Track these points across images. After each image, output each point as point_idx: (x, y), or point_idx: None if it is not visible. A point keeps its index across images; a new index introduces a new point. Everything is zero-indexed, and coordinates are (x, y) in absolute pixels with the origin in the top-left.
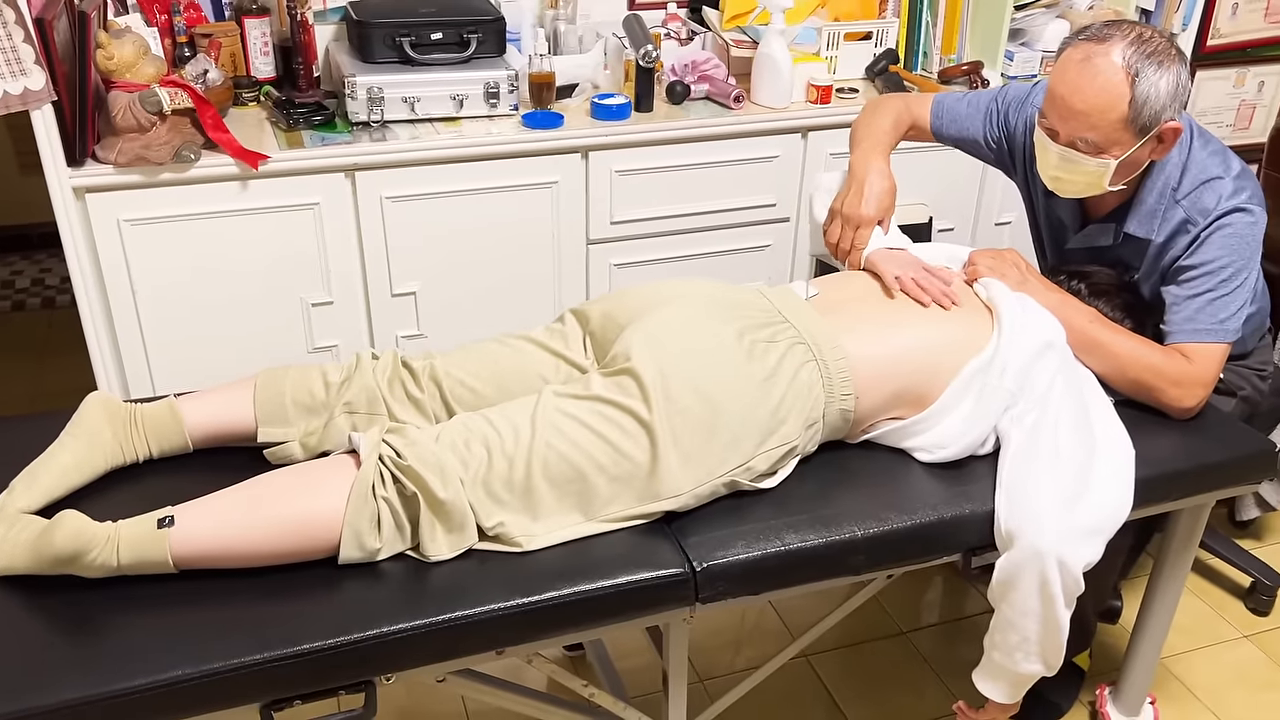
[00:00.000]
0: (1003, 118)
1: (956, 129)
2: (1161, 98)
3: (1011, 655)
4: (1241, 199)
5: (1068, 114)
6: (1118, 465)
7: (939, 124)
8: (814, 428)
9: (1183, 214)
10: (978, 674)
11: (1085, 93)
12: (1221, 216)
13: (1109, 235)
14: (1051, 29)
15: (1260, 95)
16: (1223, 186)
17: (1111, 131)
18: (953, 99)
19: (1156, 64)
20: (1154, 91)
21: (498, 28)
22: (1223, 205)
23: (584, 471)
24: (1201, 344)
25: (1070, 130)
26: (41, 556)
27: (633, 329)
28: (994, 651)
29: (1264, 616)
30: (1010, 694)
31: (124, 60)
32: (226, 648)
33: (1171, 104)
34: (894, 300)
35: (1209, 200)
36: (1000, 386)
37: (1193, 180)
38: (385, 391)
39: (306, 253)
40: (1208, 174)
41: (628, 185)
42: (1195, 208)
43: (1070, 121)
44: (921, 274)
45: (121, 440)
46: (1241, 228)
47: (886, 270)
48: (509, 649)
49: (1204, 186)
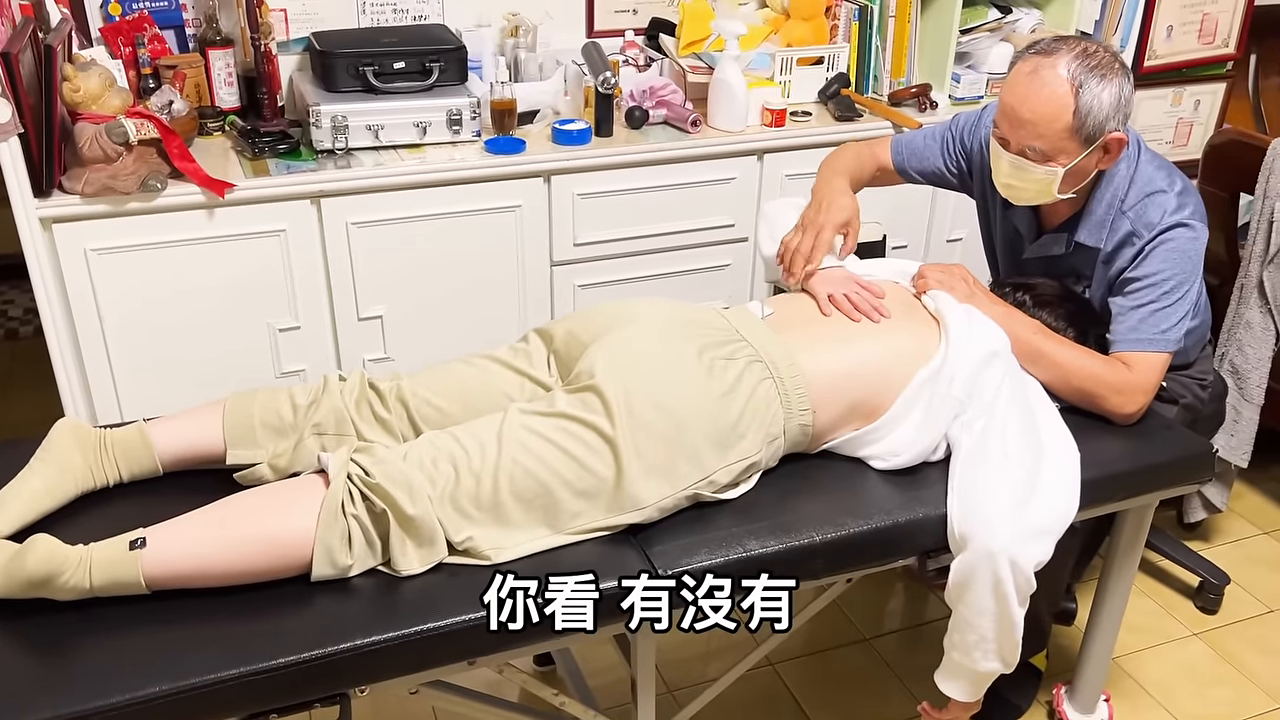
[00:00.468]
0: (959, 143)
1: (918, 162)
2: (1105, 108)
3: (970, 654)
4: (1185, 214)
5: (1017, 123)
6: (1064, 468)
7: (900, 160)
8: (775, 443)
9: (1129, 225)
10: (939, 674)
11: (1032, 102)
12: (1165, 231)
13: (1061, 244)
14: (996, 52)
15: (1196, 113)
16: (1167, 201)
17: (1058, 140)
18: (907, 136)
19: (1099, 76)
20: (1097, 102)
21: (459, 56)
22: (1167, 220)
23: (550, 486)
24: (1143, 353)
25: (1020, 139)
26: (13, 580)
27: (596, 347)
28: (953, 651)
29: (1212, 615)
30: (971, 692)
31: (90, 92)
32: (202, 663)
33: (1115, 115)
34: (844, 317)
35: (1154, 214)
36: (949, 395)
37: (1138, 193)
38: (353, 412)
39: (273, 279)
40: (1153, 187)
41: (589, 208)
42: (1141, 220)
43: (1019, 130)
44: (852, 289)
45: (92, 464)
46: (1184, 243)
47: (819, 290)
48: (480, 659)
49: (1148, 200)
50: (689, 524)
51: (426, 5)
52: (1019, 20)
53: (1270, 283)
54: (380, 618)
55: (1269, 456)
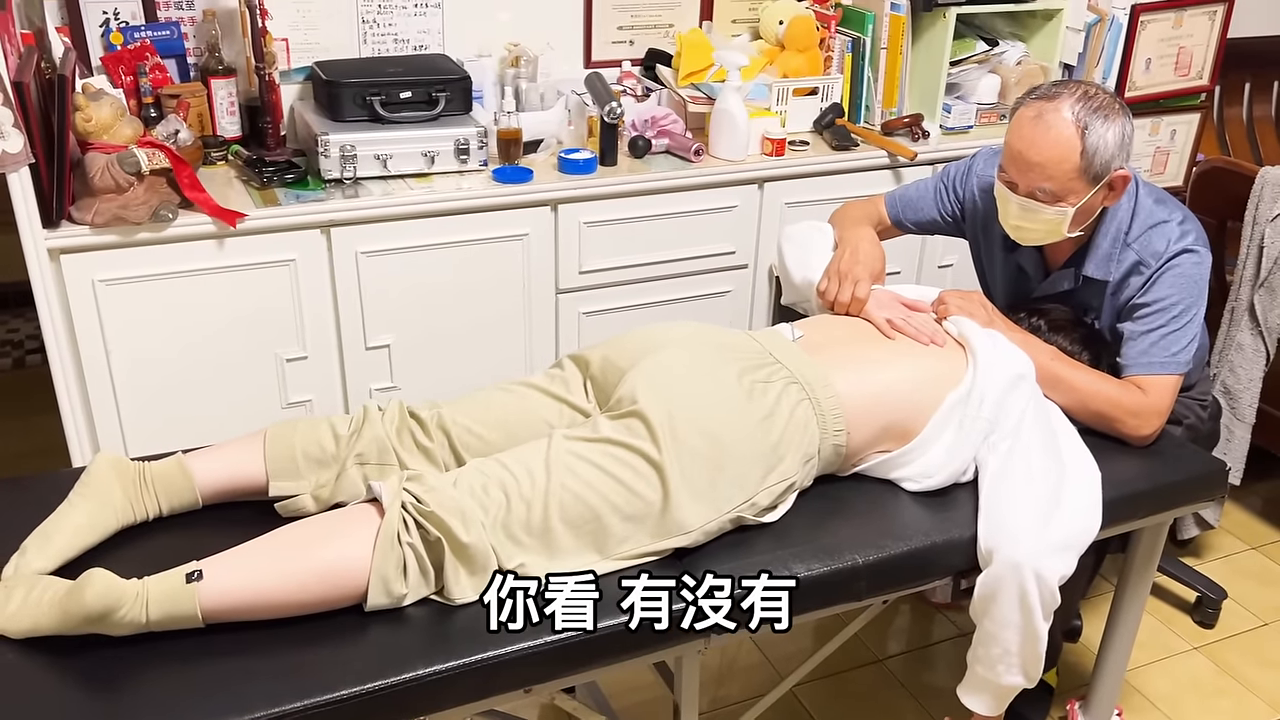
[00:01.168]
0: (952, 193)
1: (913, 214)
2: (1110, 148)
3: (994, 668)
4: (1189, 241)
5: (1025, 167)
6: (1087, 486)
7: (896, 213)
8: (810, 463)
9: (1135, 256)
10: (962, 689)
11: (1040, 146)
12: (1172, 258)
13: (1070, 280)
14: (985, 83)
15: (1173, 143)
16: (1170, 230)
17: (1066, 181)
18: (899, 191)
19: (1103, 117)
20: (1102, 143)
21: (464, 86)
22: (1172, 248)
23: (599, 512)
24: (1155, 375)
25: (1029, 181)
26: (70, 616)
27: (635, 372)
28: (977, 665)
29: (1210, 629)
30: (994, 706)
31: (102, 122)
32: (264, 696)
33: (1119, 153)
34: (875, 339)
35: (1159, 243)
36: (979, 416)
37: (1142, 225)
38: (395, 441)
39: (281, 309)
40: (1155, 219)
41: (595, 236)
42: (1147, 250)
43: (1028, 174)
44: (907, 313)
45: (132, 498)
46: (1189, 268)
47: (876, 316)
48: (536, 686)
49: (1152, 230)
50: (731, 548)
51: (427, 35)
52: (1005, 52)
53: (1261, 306)
54: (438, 647)
55: (1257, 474)
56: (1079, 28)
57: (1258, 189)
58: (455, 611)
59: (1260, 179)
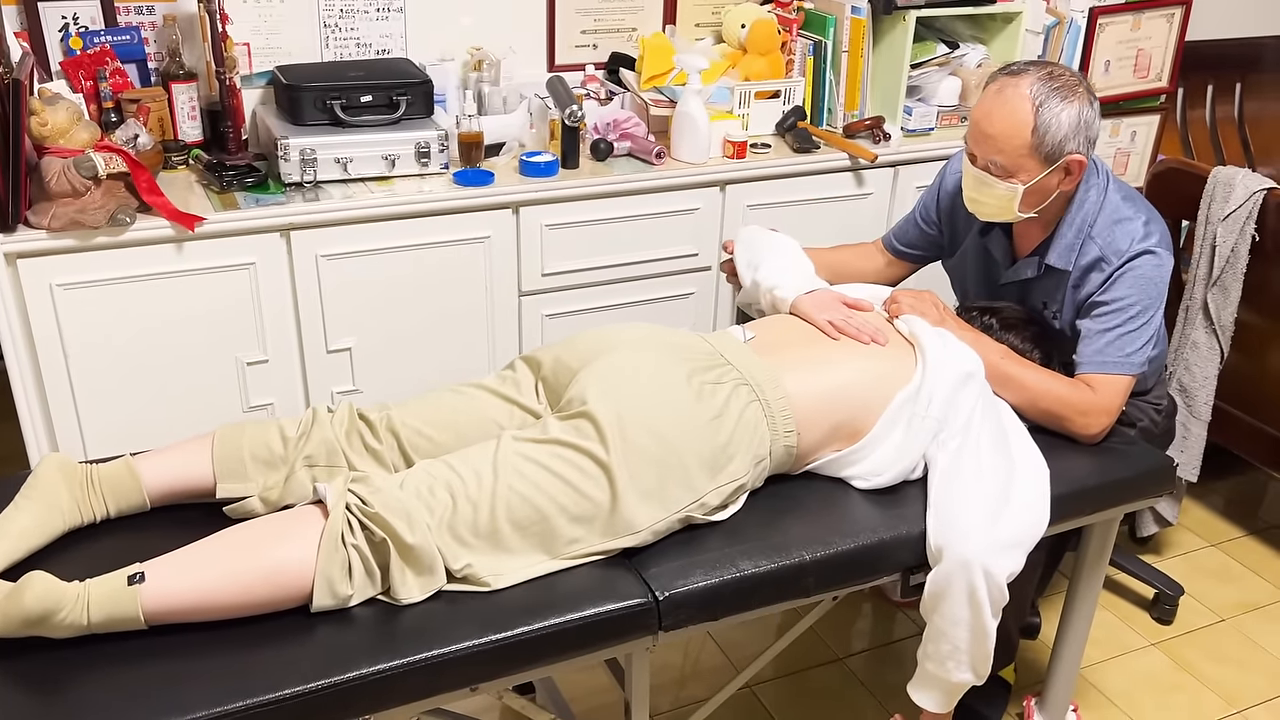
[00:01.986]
0: (928, 205)
1: (901, 235)
2: (1064, 128)
3: (944, 664)
4: (1151, 242)
5: (981, 137)
6: (1035, 483)
7: (888, 240)
8: (762, 464)
9: (1097, 251)
10: (912, 685)
11: (993, 118)
12: (1133, 258)
13: (1033, 268)
14: (945, 85)
15: (1134, 144)
16: (1134, 229)
17: (1016, 156)
18: (892, 227)
19: (1061, 97)
20: (1056, 122)
21: (425, 90)
22: (1134, 247)
23: (546, 513)
24: (1107, 375)
25: (983, 153)
26: (10, 618)
27: (586, 373)
28: (927, 662)
29: (1168, 625)
30: (943, 703)
31: (58, 126)
32: (206, 697)
33: (1075, 136)
34: (824, 340)
35: (1122, 241)
36: (928, 415)
37: (1107, 219)
38: (344, 444)
39: (242, 312)
40: (1121, 215)
41: (557, 239)
42: (1110, 247)
43: (983, 144)
44: (848, 313)
45: (79, 500)
46: (1149, 269)
47: (817, 318)
48: (482, 685)
49: (1116, 226)
50: (681, 546)
51: (389, 39)
52: (966, 55)
53: (1214, 304)
54: (384, 646)
55: (1215, 471)
56: (1038, 30)
57: (1210, 188)
58: (401, 611)
59: (1212, 179)
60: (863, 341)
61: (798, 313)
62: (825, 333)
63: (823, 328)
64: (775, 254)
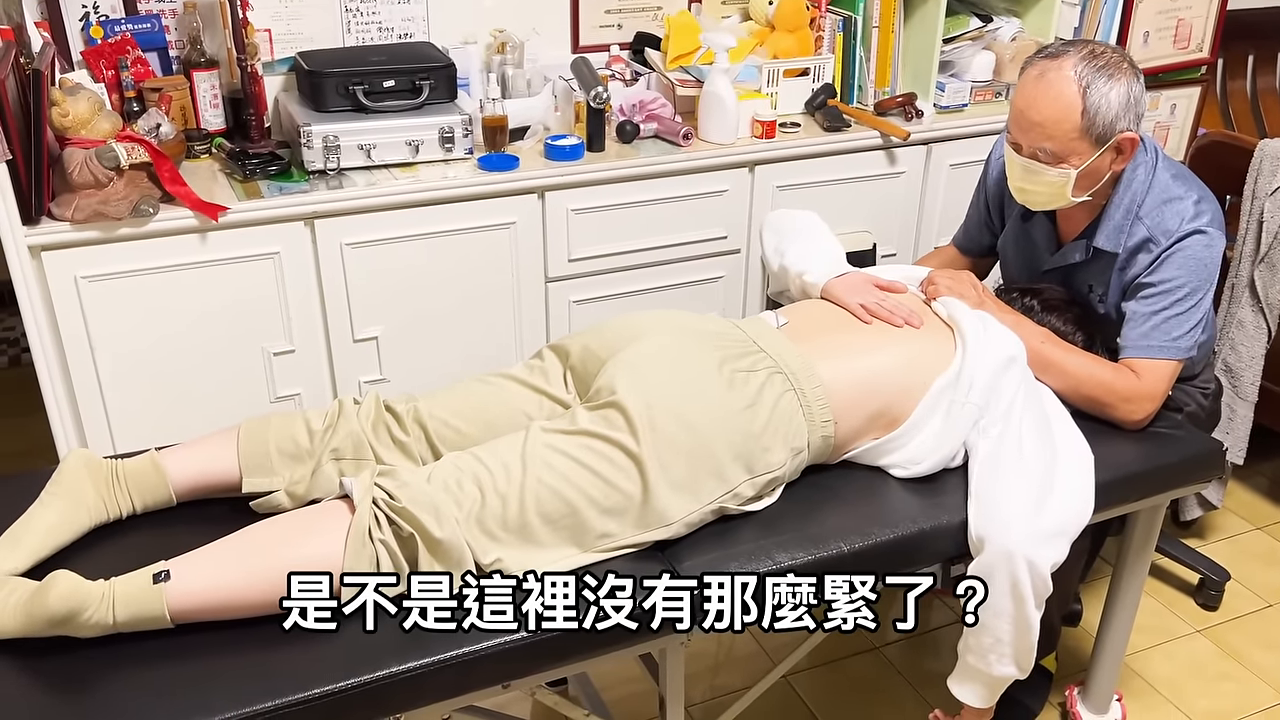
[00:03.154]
0: (981, 185)
1: (965, 227)
2: (1113, 108)
3: (985, 658)
4: (1202, 222)
5: (1027, 126)
6: (1079, 470)
7: (957, 239)
8: (800, 455)
9: (1145, 231)
10: (953, 680)
11: (1040, 105)
12: (1183, 238)
13: (1081, 251)
14: (979, 60)
15: (1173, 117)
16: (1184, 208)
17: (1067, 141)
18: (959, 229)
19: (1107, 76)
20: (1105, 102)
21: (449, 74)
22: (1184, 227)
23: (576, 506)
24: (1152, 359)
25: (1030, 141)
26: (35, 619)
27: (615, 362)
28: (969, 655)
29: (1213, 611)
30: (985, 698)
31: (79, 117)
32: (234, 697)
33: (1125, 114)
34: (860, 325)
35: (1171, 221)
36: (968, 401)
37: (1156, 199)
38: (371, 436)
39: (267, 302)
40: (1170, 194)
41: (584, 223)
42: (1159, 227)
43: (1029, 133)
44: (881, 296)
45: (105, 496)
46: (1199, 250)
47: (849, 302)
48: (515, 682)
49: (1166, 206)
50: (715, 538)
51: (412, 23)
52: (1000, 28)
53: (1261, 281)
54: (414, 644)
55: (1261, 453)
56: (1074, 1)
57: (1257, 162)
58: None
59: (1259, 152)
60: (896, 325)
61: (829, 297)
62: (858, 317)
63: (855, 312)
64: (802, 238)
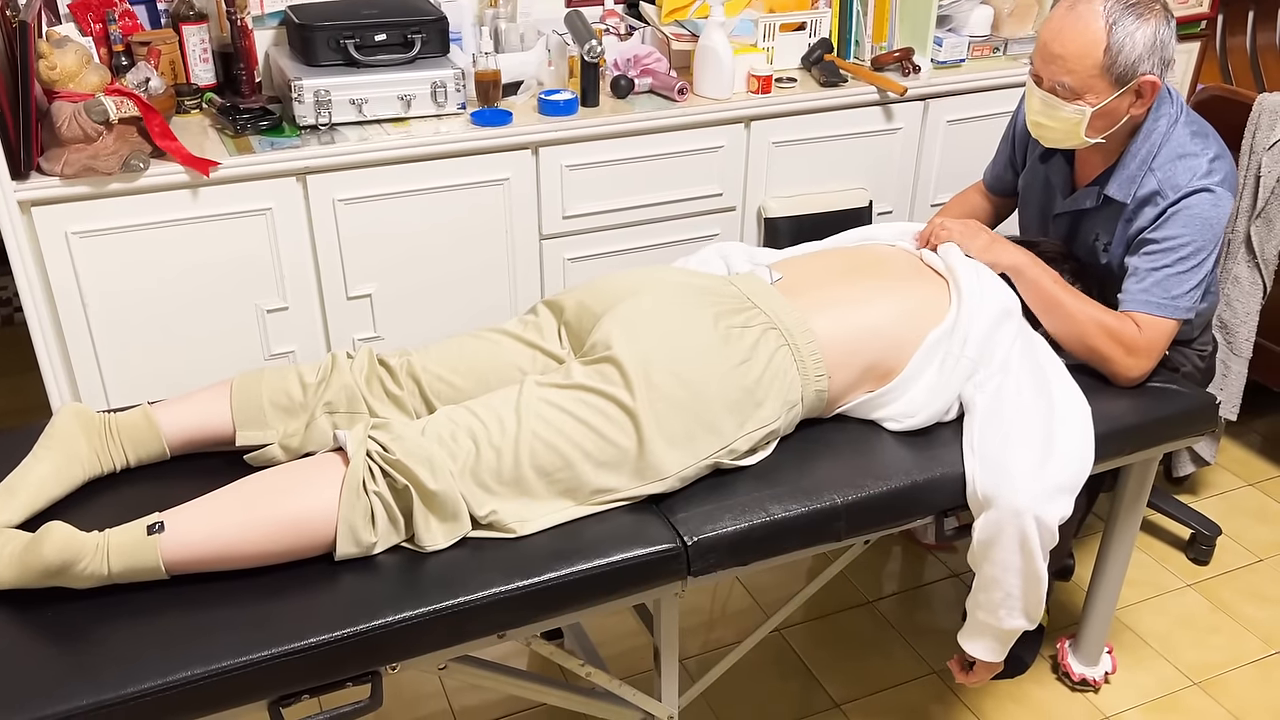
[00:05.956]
0: (1007, 136)
1: (998, 173)
2: (1137, 48)
3: (995, 612)
4: (1213, 180)
5: (1049, 57)
6: (1078, 423)
7: (986, 178)
8: (794, 410)
9: (1155, 184)
10: (963, 636)
11: (1064, 37)
12: (1189, 195)
13: (1092, 198)
14: (977, 15)
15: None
16: (1197, 165)
17: (1087, 77)
18: (988, 166)
19: (1136, 15)
20: (1129, 41)
21: (441, 27)
22: (1193, 184)
23: (571, 459)
24: (1151, 315)
25: (1050, 74)
26: (30, 569)
27: (610, 317)
28: (979, 611)
29: (1204, 565)
30: (996, 651)
31: (67, 70)
32: (232, 646)
33: (1149, 57)
34: (853, 278)
35: (1182, 176)
36: (963, 355)
37: (1171, 153)
38: (364, 390)
39: (260, 259)
40: (1186, 150)
41: (578, 180)
42: (1168, 181)
43: (1050, 65)
44: None
45: (98, 450)
46: (1205, 208)
47: None
48: (510, 632)
49: (1179, 161)
50: (710, 491)
51: None
52: None
53: (1257, 237)
54: (410, 593)
55: (1254, 409)
56: None
57: (1255, 116)
58: (427, 559)
59: (1258, 106)
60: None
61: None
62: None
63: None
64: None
